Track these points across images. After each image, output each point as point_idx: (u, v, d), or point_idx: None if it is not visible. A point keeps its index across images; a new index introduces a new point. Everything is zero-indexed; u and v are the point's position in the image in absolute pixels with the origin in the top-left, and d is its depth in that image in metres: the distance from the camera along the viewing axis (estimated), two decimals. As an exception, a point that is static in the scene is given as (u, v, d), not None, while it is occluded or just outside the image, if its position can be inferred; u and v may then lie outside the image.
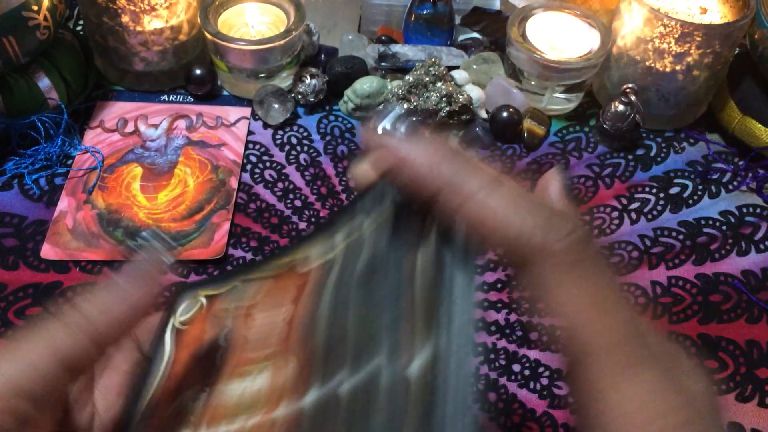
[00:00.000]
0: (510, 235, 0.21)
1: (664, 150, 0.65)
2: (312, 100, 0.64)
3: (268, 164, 0.62)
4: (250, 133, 0.64)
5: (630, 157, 0.64)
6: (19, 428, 0.22)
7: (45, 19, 0.57)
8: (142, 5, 0.61)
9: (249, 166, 0.61)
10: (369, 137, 0.23)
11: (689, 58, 0.61)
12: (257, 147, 0.63)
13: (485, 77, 0.67)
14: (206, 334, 0.28)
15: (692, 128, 0.67)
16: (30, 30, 0.56)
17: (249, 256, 0.55)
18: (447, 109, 0.63)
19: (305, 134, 0.64)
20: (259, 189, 0.60)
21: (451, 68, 0.66)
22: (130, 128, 0.63)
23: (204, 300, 0.30)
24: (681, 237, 0.59)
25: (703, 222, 0.60)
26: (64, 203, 0.57)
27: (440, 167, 0.21)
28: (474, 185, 0.21)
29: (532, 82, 0.65)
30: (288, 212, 0.58)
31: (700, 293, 0.55)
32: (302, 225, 0.57)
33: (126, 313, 0.23)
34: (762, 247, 0.58)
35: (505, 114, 0.63)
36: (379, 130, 0.22)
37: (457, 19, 0.70)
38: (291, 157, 0.62)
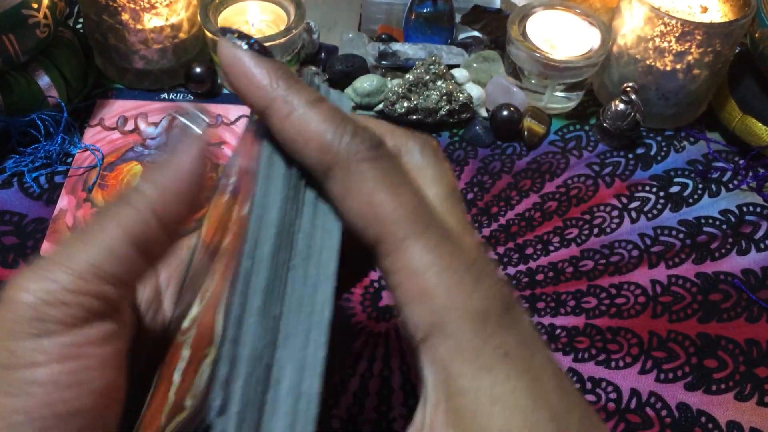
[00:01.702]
0: (321, 143, 0.22)
1: (665, 149, 0.65)
2: (312, 98, 0.64)
3: (268, 163, 0.62)
4: (250, 131, 0.64)
5: (630, 155, 0.64)
6: (110, 313, 0.22)
7: (45, 17, 0.57)
8: (142, 3, 0.61)
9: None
10: (223, 48, 0.23)
11: (690, 57, 0.61)
12: (257, 145, 0.63)
13: (485, 76, 0.67)
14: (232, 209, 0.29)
15: (692, 127, 0.67)
16: (30, 28, 0.56)
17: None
18: (447, 107, 0.63)
19: (305, 133, 0.64)
20: (259, 187, 0.60)
21: (451, 67, 0.66)
22: (130, 126, 0.63)
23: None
24: (681, 236, 0.59)
25: (703, 221, 0.60)
26: (64, 201, 0.57)
27: (278, 82, 0.23)
28: (299, 101, 0.22)
29: (533, 81, 0.65)
30: (288, 211, 0.58)
31: (700, 292, 0.55)
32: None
33: (184, 184, 0.23)
34: (762, 246, 0.58)
35: (505, 112, 0.63)
36: (229, 42, 0.23)
37: (458, 18, 0.70)
38: (291, 155, 0.62)
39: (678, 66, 0.61)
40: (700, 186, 0.62)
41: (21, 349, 0.21)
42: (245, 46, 0.23)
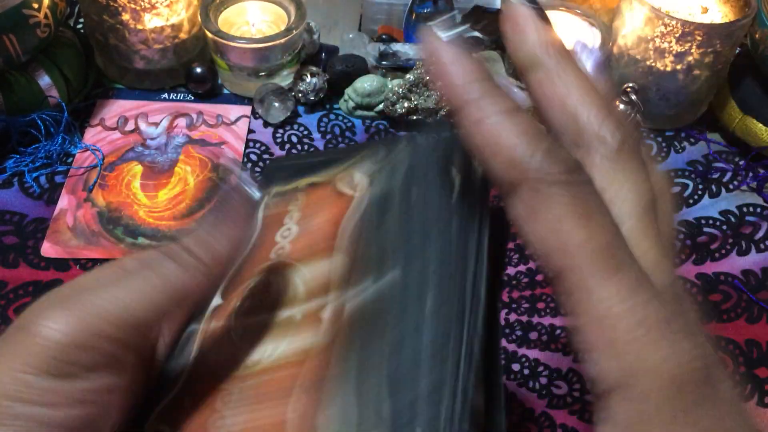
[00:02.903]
0: (511, 157, 0.20)
1: (665, 149, 0.65)
2: (312, 98, 0.64)
3: (268, 163, 0.62)
4: (250, 131, 0.64)
5: (630, 156, 0.64)
6: (132, 360, 0.22)
7: (45, 16, 0.57)
8: (142, 3, 0.61)
9: (249, 165, 0.61)
10: (430, 42, 0.23)
11: (690, 58, 0.61)
12: (258, 145, 0.63)
13: (486, 76, 0.67)
14: (281, 221, 0.28)
15: (693, 128, 0.67)
16: (30, 28, 0.56)
17: (249, 254, 0.55)
18: (448, 107, 0.63)
19: (306, 133, 0.64)
20: (260, 187, 0.60)
21: (451, 67, 0.66)
22: (130, 126, 0.63)
23: (267, 201, 0.30)
24: (681, 236, 0.59)
25: (703, 221, 0.60)
26: (64, 201, 0.57)
27: (473, 84, 0.21)
28: (494, 108, 0.21)
29: (533, 81, 0.65)
30: (288, 211, 0.58)
31: (700, 293, 0.55)
32: (302, 223, 0.57)
33: (228, 248, 0.23)
34: (762, 246, 0.58)
35: (505, 113, 0.63)
36: (443, 38, 0.22)
37: (458, 18, 0.70)
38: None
39: (678, 66, 0.61)
40: (701, 186, 0.62)
41: (37, 385, 0.20)
42: (444, 37, 0.22)
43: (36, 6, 0.56)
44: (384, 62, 0.66)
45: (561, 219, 0.19)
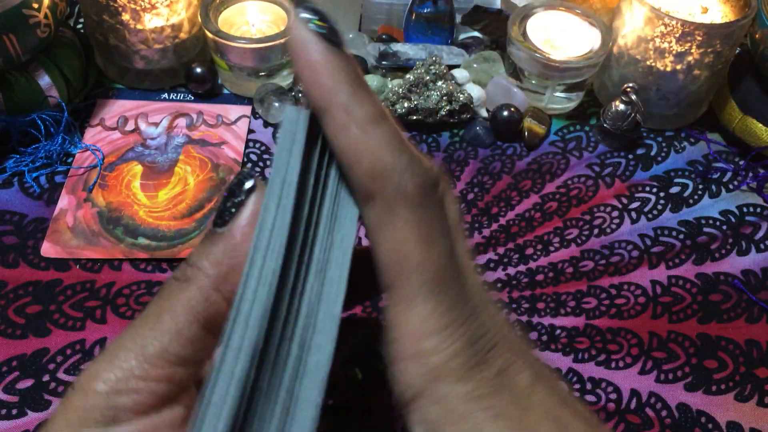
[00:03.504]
0: (372, 168, 0.21)
1: (665, 149, 0.65)
2: (312, 98, 0.64)
3: (268, 163, 0.62)
4: (250, 131, 0.64)
5: (630, 156, 0.64)
6: (180, 394, 0.22)
7: (45, 16, 0.57)
8: (142, 3, 0.61)
9: (249, 165, 0.61)
10: (293, 27, 0.21)
11: (690, 58, 0.61)
12: (258, 145, 0.63)
13: (486, 76, 0.67)
14: None
15: (693, 128, 0.67)
16: (30, 28, 0.56)
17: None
18: (447, 107, 0.63)
19: (305, 133, 0.64)
20: (260, 187, 0.60)
21: (451, 67, 0.66)
22: (130, 126, 0.63)
23: None
24: (681, 236, 0.59)
25: (703, 221, 0.60)
26: (64, 201, 0.57)
27: (342, 86, 0.21)
28: (360, 114, 0.21)
29: (533, 81, 0.65)
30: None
31: (700, 293, 0.55)
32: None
33: (241, 255, 0.22)
34: (762, 246, 0.58)
35: (505, 113, 0.63)
36: (302, 22, 0.21)
37: (458, 18, 0.70)
38: (291, 155, 0.62)
39: (678, 66, 0.61)
40: (701, 186, 0.62)
41: None
42: (315, 28, 0.21)
43: (36, 6, 0.56)
44: (384, 62, 0.66)
45: (404, 241, 0.21)
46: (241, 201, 0.22)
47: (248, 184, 0.22)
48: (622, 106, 0.62)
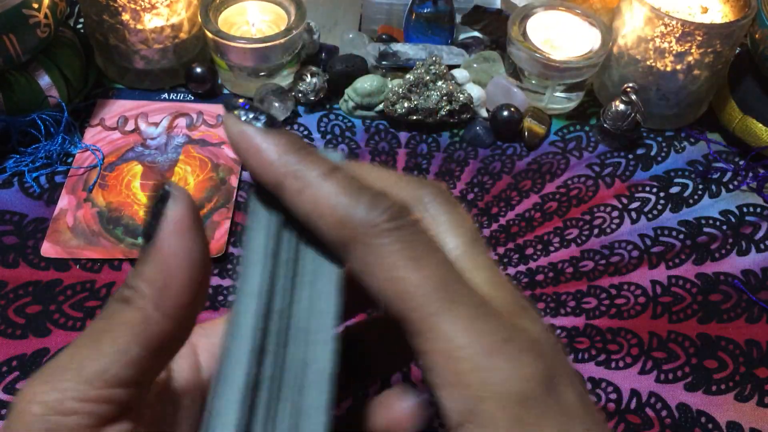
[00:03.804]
0: (337, 218, 0.21)
1: (665, 149, 0.65)
2: (312, 98, 0.64)
3: (268, 163, 0.62)
4: (250, 131, 0.64)
5: (630, 156, 0.64)
6: (125, 414, 0.22)
7: (45, 16, 0.57)
8: (142, 3, 0.61)
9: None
10: (228, 124, 0.22)
11: (690, 58, 0.61)
12: (257, 145, 0.63)
13: (486, 76, 0.67)
14: None
15: (693, 128, 0.67)
16: (30, 28, 0.56)
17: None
18: (447, 108, 0.63)
19: (306, 133, 0.64)
20: (260, 187, 0.60)
21: (451, 67, 0.66)
22: (130, 126, 0.63)
23: None
24: (681, 236, 0.59)
25: (703, 221, 0.60)
26: (64, 201, 0.57)
27: (288, 156, 0.22)
28: (312, 173, 0.21)
29: (533, 81, 0.65)
30: (288, 211, 0.58)
31: (700, 293, 0.55)
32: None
33: (175, 270, 0.22)
34: (762, 246, 0.58)
35: (505, 113, 0.63)
36: (234, 118, 0.22)
37: (458, 18, 0.70)
38: (291, 155, 0.62)
39: (678, 66, 0.61)
40: (701, 186, 0.62)
41: None
42: (252, 120, 0.22)
43: (36, 6, 0.56)
44: (384, 62, 0.66)
45: (394, 267, 0.20)
46: (160, 210, 0.22)
47: (163, 194, 0.22)
48: (622, 106, 0.62)
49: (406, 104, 0.63)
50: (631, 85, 0.62)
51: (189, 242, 0.22)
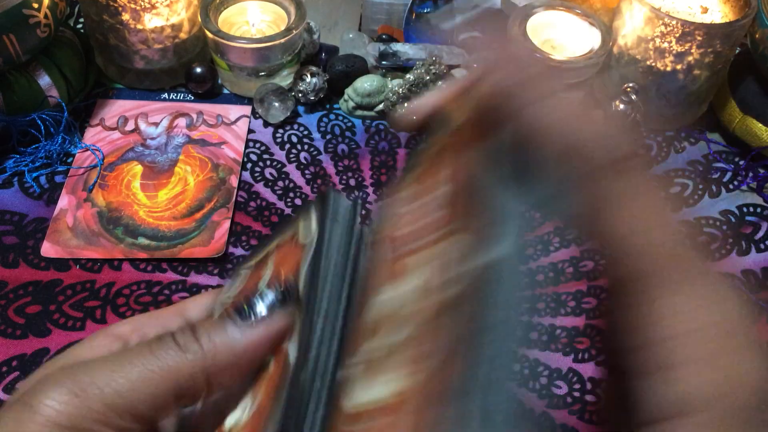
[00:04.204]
0: (579, 139, 0.20)
1: (665, 149, 0.65)
2: (312, 98, 0.64)
3: (268, 163, 0.62)
4: (250, 131, 0.64)
5: (630, 156, 0.64)
6: None
7: (45, 16, 0.57)
8: (142, 3, 0.61)
9: (249, 165, 0.61)
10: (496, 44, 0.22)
11: (690, 58, 0.61)
12: (258, 145, 0.63)
13: (486, 76, 0.67)
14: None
15: (693, 128, 0.67)
16: (30, 27, 0.56)
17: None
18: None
19: (306, 133, 0.64)
20: (260, 187, 0.60)
21: (451, 67, 0.66)
22: (130, 126, 0.63)
23: (244, 272, 0.29)
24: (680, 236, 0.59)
25: (703, 221, 0.60)
26: (64, 201, 0.57)
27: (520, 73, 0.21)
28: (545, 89, 0.21)
29: (533, 81, 0.65)
30: (288, 211, 0.58)
31: (700, 293, 0.55)
32: (302, 223, 0.57)
33: (244, 358, 0.23)
34: (762, 246, 0.58)
35: (505, 113, 0.63)
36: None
37: (458, 18, 0.70)
38: (291, 155, 0.62)
39: (678, 66, 0.61)
40: (701, 186, 0.62)
41: None
42: (447, 26, 0.23)
43: (36, 6, 0.56)
44: (384, 62, 0.66)
45: (645, 208, 0.19)
46: (265, 318, 0.23)
47: (275, 303, 0.24)
48: (622, 106, 0.62)
49: (406, 104, 0.63)
50: (631, 85, 0.62)
51: (261, 348, 0.23)
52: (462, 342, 0.21)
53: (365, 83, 0.64)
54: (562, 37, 0.65)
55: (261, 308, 0.24)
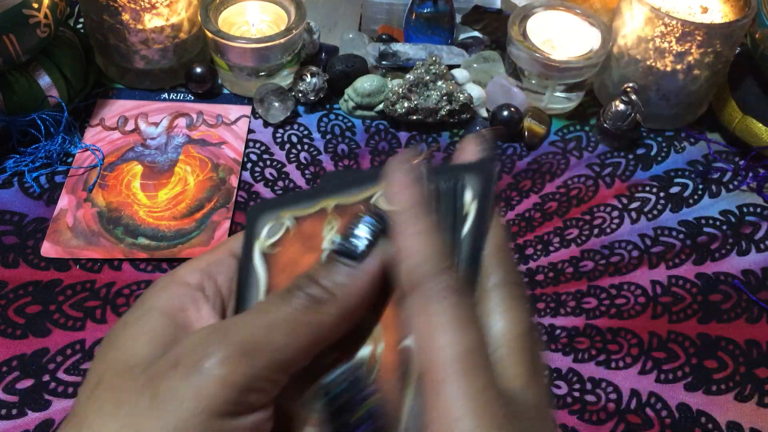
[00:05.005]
0: (414, 268, 0.23)
1: (665, 149, 0.65)
2: (312, 98, 0.64)
3: (268, 163, 0.62)
4: (250, 131, 0.64)
5: (630, 156, 0.64)
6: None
7: (45, 16, 0.57)
8: (142, 3, 0.61)
9: (249, 165, 0.61)
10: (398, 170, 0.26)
11: (690, 58, 0.61)
12: (258, 145, 0.63)
13: (486, 76, 0.67)
14: (304, 256, 0.27)
15: (693, 128, 0.67)
16: (30, 28, 0.56)
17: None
18: (447, 107, 0.63)
19: (306, 133, 0.64)
20: (260, 187, 0.60)
21: (451, 67, 0.66)
22: (130, 126, 0.63)
23: (289, 222, 0.28)
24: (681, 236, 0.59)
25: (703, 221, 0.60)
26: (64, 201, 0.57)
27: (414, 209, 0.24)
28: (417, 226, 0.24)
29: (533, 81, 0.65)
30: (288, 211, 0.58)
31: (700, 293, 0.55)
32: (302, 223, 0.57)
33: (370, 288, 0.24)
34: (762, 246, 0.58)
35: (505, 113, 0.63)
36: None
37: (458, 18, 0.70)
38: (291, 155, 0.62)
39: (678, 66, 0.61)
40: (701, 186, 0.62)
41: (209, 426, 0.21)
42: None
43: (36, 6, 0.56)
44: (384, 62, 0.66)
45: (436, 327, 0.22)
46: (372, 243, 0.24)
47: (381, 222, 0.24)
48: (622, 106, 0.62)
49: (406, 104, 0.63)
50: (631, 85, 0.62)
51: (378, 282, 0.24)
52: None
53: (365, 83, 0.64)
54: (562, 37, 0.65)
55: (362, 244, 0.24)
